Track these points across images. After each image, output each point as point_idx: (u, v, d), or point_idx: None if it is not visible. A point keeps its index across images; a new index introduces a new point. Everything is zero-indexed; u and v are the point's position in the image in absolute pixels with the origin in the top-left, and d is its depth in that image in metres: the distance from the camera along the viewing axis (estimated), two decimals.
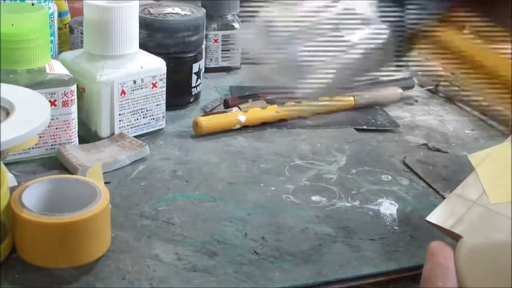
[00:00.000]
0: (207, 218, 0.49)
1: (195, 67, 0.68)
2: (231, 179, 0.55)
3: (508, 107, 0.41)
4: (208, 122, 0.62)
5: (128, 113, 0.59)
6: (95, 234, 0.42)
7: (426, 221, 0.44)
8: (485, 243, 0.41)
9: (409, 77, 0.80)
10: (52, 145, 0.56)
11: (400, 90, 0.74)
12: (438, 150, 0.63)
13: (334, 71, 0.44)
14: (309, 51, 0.44)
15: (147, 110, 0.60)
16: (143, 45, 0.62)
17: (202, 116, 0.63)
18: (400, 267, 0.45)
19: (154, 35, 0.65)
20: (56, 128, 0.55)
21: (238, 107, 0.65)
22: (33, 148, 0.54)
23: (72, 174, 0.52)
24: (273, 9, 0.46)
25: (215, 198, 0.52)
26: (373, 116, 0.69)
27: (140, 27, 0.60)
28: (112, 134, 0.59)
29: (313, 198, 0.53)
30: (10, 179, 0.48)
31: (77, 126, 0.56)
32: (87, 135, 0.59)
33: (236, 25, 0.79)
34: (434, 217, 0.44)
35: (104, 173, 0.52)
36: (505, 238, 0.40)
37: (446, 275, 0.38)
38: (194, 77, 0.69)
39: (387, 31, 0.43)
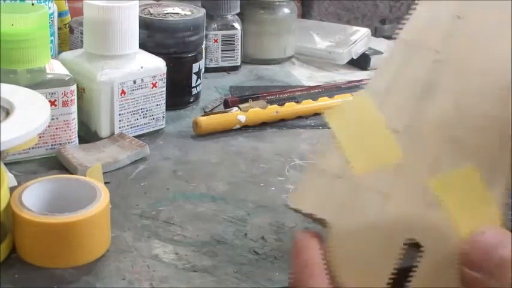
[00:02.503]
0: (207, 218, 0.49)
1: (195, 67, 0.68)
2: (231, 179, 0.55)
3: None
4: (208, 122, 0.62)
5: (127, 113, 0.59)
6: (95, 234, 0.42)
7: (285, 206, 0.38)
8: (354, 224, 0.36)
9: None
10: (52, 145, 0.56)
11: None
12: None
13: None
14: None
15: (147, 110, 0.60)
16: (143, 45, 0.62)
17: (202, 116, 0.63)
18: (399, 267, 0.45)
19: (154, 35, 0.65)
20: (56, 128, 0.55)
21: (238, 107, 0.65)
22: (33, 148, 0.54)
23: (72, 174, 0.52)
24: None
25: (215, 198, 0.52)
26: None
27: (140, 27, 0.60)
28: (112, 134, 0.59)
29: None
30: (10, 179, 0.48)
31: (77, 126, 0.56)
32: (87, 135, 0.59)
33: (236, 25, 0.79)
34: (294, 201, 0.38)
35: (104, 173, 0.52)
36: (374, 215, 0.36)
37: (316, 273, 0.35)
38: (194, 77, 0.69)
39: None
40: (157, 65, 0.60)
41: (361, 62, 0.86)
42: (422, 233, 0.36)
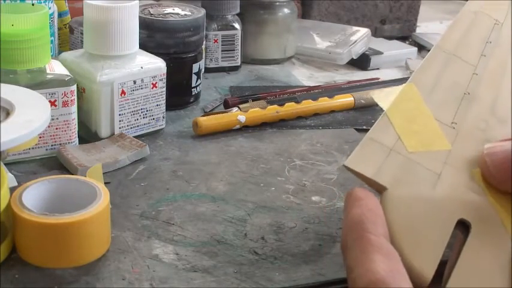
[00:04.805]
0: (207, 218, 0.49)
1: (195, 67, 0.68)
2: (231, 179, 0.55)
3: None
4: (208, 122, 0.62)
5: (127, 113, 0.59)
6: (95, 234, 0.42)
7: (344, 166, 0.40)
8: (409, 196, 0.38)
9: (409, 76, 0.80)
10: (52, 145, 0.56)
11: None
12: None
13: None
14: None
15: (147, 110, 0.60)
16: (143, 45, 0.62)
17: (202, 116, 0.63)
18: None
19: (154, 35, 0.65)
20: (56, 128, 0.55)
21: (238, 107, 0.66)
22: (33, 148, 0.54)
23: (72, 174, 0.52)
24: None
25: (215, 198, 0.52)
26: (373, 116, 0.69)
27: (140, 27, 0.60)
28: (112, 134, 0.59)
29: (313, 198, 0.53)
30: (10, 179, 0.49)
31: (77, 126, 0.56)
32: (87, 135, 0.59)
33: (236, 25, 0.79)
34: (353, 163, 0.39)
35: (104, 173, 0.52)
36: (428, 191, 0.38)
37: (377, 220, 0.35)
38: (194, 77, 0.69)
39: None
40: (157, 65, 0.60)
41: (361, 62, 0.86)
42: (472, 213, 0.38)
